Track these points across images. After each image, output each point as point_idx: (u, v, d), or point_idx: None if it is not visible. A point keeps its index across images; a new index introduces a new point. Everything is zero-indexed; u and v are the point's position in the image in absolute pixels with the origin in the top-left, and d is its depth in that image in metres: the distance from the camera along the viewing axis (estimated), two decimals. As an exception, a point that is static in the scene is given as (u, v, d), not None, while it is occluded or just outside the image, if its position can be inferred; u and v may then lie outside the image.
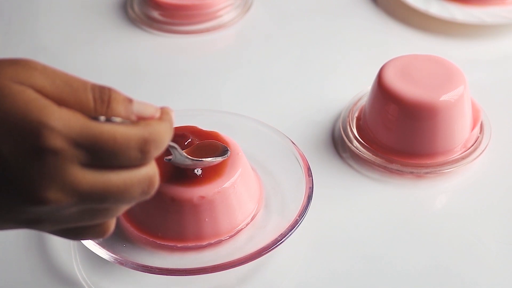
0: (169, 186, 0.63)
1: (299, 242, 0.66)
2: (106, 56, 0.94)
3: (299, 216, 0.64)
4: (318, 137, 0.79)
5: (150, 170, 0.46)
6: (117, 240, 0.65)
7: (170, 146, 0.56)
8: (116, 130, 0.44)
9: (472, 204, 0.71)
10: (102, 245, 0.63)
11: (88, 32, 0.99)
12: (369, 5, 1.02)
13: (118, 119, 0.45)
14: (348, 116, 0.79)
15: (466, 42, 0.94)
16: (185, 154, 0.60)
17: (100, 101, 0.45)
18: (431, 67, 0.74)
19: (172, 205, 0.63)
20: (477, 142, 0.75)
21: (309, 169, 0.69)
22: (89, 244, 0.63)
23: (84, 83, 0.45)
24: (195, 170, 0.64)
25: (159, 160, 0.61)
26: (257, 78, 0.89)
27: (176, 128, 0.68)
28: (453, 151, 0.73)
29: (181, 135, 0.67)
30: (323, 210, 0.69)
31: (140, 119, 0.46)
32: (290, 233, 0.63)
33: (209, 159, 0.63)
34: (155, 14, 0.99)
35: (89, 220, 0.46)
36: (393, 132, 0.73)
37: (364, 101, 0.79)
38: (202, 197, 0.63)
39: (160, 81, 0.89)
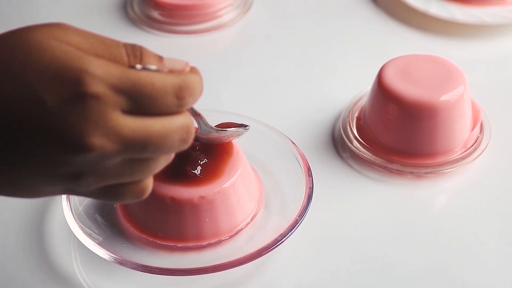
0: (169, 186, 0.63)
1: (299, 242, 0.66)
2: (106, 56, 0.94)
3: (299, 216, 0.64)
4: (318, 137, 0.79)
5: (187, 118, 0.47)
6: (117, 240, 0.65)
7: (195, 114, 0.56)
8: (153, 76, 0.45)
9: (472, 204, 0.71)
10: (102, 245, 0.63)
11: (88, 32, 0.98)
12: (369, 5, 1.02)
13: (153, 67, 0.46)
14: (348, 116, 0.79)
15: (466, 42, 0.94)
16: (210, 124, 0.60)
17: (133, 56, 0.46)
18: (431, 67, 0.74)
19: (172, 205, 0.63)
20: (477, 142, 0.75)
21: (309, 169, 0.69)
22: (89, 244, 0.63)
23: (116, 41, 0.47)
24: (195, 170, 0.64)
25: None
26: (257, 78, 0.89)
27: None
28: (453, 151, 0.73)
29: (181, 135, 0.67)
30: (323, 210, 0.69)
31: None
32: (290, 233, 0.63)
33: (233, 129, 0.63)
34: (155, 14, 0.99)
35: (129, 175, 0.47)
36: (393, 132, 0.73)
37: (364, 101, 0.79)
38: (202, 197, 0.63)
39: (160, 81, 0.89)
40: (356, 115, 0.79)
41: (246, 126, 0.65)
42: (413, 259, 0.65)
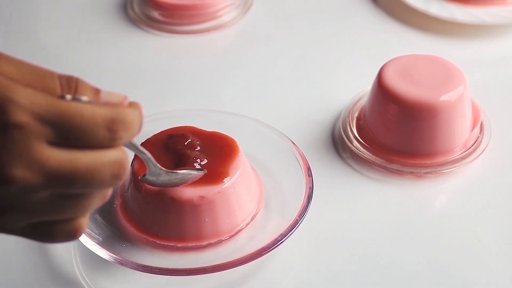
0: (169, 186, 0.64)
1: (299, 242, 0.66)
2: (106, 56, 0.94)
3: (299, 216, 0.64)
4: (318, 137, 0.79)
5: (120, 153, 0.45)
6: (117, 240, 0.65)
7: (142, 154, 0.54)
8: (83, 107, 0.43)
9: (472, 204, 0.71)
10: (102, 245, 0.63)
11: (88, 32, 0.99)
12: (369, 5, 1.02)
13: (85, 98, 0.44)
14: (348, 116, 0.79)
15: (466, 42, 0.94)
16: (159, 166, 0.58)
17: (67, 87, 0.45)
18: (431, 67, 0.74)
19: (172, 205, 0.63)
20: (477, 142, 0.75)
21: (309, 169, 0.69)
22: (89, 244, 0.63)
23: (51, 72, 0.45)
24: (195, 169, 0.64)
25: (158, 162, 0.61)
26: (257, 78, 0.89)
27: (176, 128, 0.69)
28: (453, 151, 0.73)
29: (181, 135, 0.67)
30: (323, 210, 0.69)
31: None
32: (290, 233, 0.63)
33: (185, 171, 0.62)
34: (155, 14, 0.99)
35: (59, 212, 0.45)
36: (393, 132, 0.73)
37: (364, 101, 0.79)
38: (202, 197, 0.63)
39: (160, 81, 0.89)
40: (356, 115, 0.79)
41: (201, 170, 0.63)
42: (413, 259, 0.65)
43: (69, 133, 0.43)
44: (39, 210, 0.44)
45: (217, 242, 0.65)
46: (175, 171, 0.61)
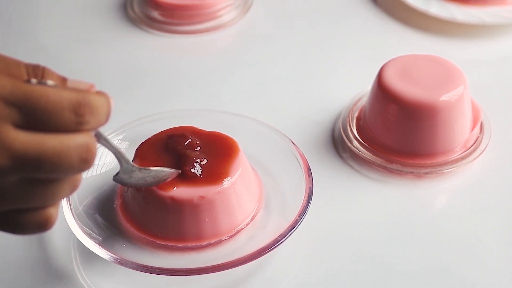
0: (169, 186, 0.63)
1: (299, 242, 0.66)
2: (106, 56, 0.94)
3: (299, 216, 0.64)
4: (318, 137, 0.79)
5: (88, 138, 0.45)
6: (117, 240, 0.65)
7: (115, 151, 0.54)
8: (48, 90, 0.43)
9: (472, 204, 0.71)
10: (102, 245, 0.63)
11: (88, 32, 0.99)
12: (369, 5, 1.02)
13: (50, 82, 0.45)
14: (348, 116, 0.79)
15: (466, 42, 0.94)
16: (132, 162, 0.58)
17: (33, 75, 0.45)
18: (431, 67, 0.74)
19: (172, 205, 0.63)
20: (477, 142, 0.75)
21: (309, 169, 0.69)
22: (89, 244, 0.63)
23: (17, 60, 0.45)
24: (195, 170, 0.64)
25: (156, 163, 0.61)
26: (257, 78, 0.89)
27: (176, 128, 0.69)
28: (453, 151, 0.73)
29: (181, 135, 0.67)
30: (323, 210, 0.69)
31: None
32: (290, 233, 0.63)
33: (158, 168, 0.61)
34: (155, 14, 0.99)
35: (28, 199, 0.45)
36: (393, 132, 0.73)
37: (364, 101, 0.79)
38: (202, 197, 0.63)
39: (160, 81, 0.89)
40: (356, 115, 0.79)
41: (174, 169, 0.63)
42: (413, 258, 0.65)
43: (35, 116, 0.43)
44: (8, 197, 0.44)
45: (217, 242, 0.65)
46: (148, 168, 0.61)
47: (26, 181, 0.44)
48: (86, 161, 0.45)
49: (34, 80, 0.45)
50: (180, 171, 0.64)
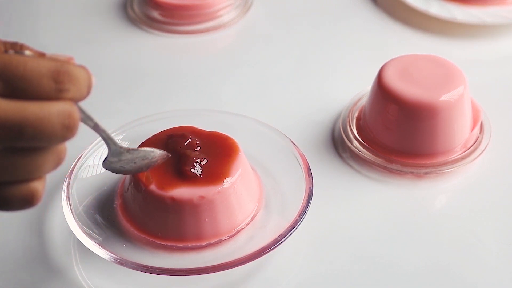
0: (169, 186, 0.63)
1: (299, 242, 0.66)
2: (106, 56, 0.94)
3: (299, 216, 0.64)
4: (318, 137, 0.79)
5: (69, 105, 0.45)
6: (117, 240, 0.65)
7: (104, 135, 0.54)
8: (26, 58, 0.44)
9: (472, 204, 0.71)
10: (102, 245, 0.63)
11: (88, 32, 0.99)
12: (369, 5, 1.02)
13: (28, 53, 0.45)
14: (348, 116, 0.79)
15: (466, 42, 0.94)
16: (120, 144, 0.57)
17: (11, 48, 0.45)
18: (431, 67, 0.74)
19: (172, 205, 0.63)
20: (477, 142, 0.75)
21: (309, 169, 0.69)
22: (89, 244, 0.63)
23: None
24: (195, 170, 0.64)
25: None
26: (257, 78, 0.89)
27: (176, 128, 0.69)
28: (453, 151, 0.74)
29: (181, 135, 0.67)
30: (323, 210, 0.69)
31: None
32: (290, 233, 0.63)
33: (147, 148, 0.60)
34: (155, 14, 0.99)
35: (12, 170, 0.44)
36: (393, 132, 0.73)
37: (364, 101, 0.79)
38: (202, 197, 0.63)
39: (160, 81, 0.89)
40: (356, 115, 0.79)
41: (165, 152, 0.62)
42: (413, 259, 0.65)
43: (14, 83, 0.43)
44: None
45: (217, 242, 0.65)
46: (136, 148, 0.60)
47: (9, 151, 0.44)
48: (68, 128, 0.45)
49: (11, 51, 0.45)
50: (169, 155, 0.63)
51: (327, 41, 0.96)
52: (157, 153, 0.62)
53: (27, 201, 0.46)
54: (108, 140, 0.56)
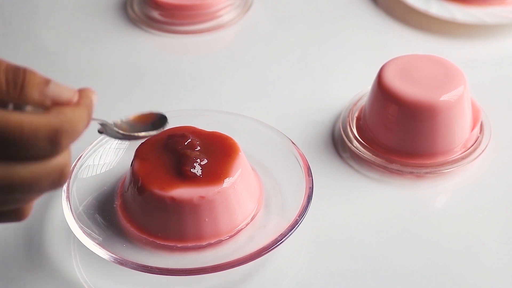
0: (169, 186, 0.63)
1: (299, 242, 0.66)
2: (106, 56, 0.94)
3: (299, 216, 0.64)
4: (318, 137, 0.79)
5: (61, 161, 0.44)
6: (117, 240, 0.65)
7: (99, 122, 0.53)
8: (24, 120, 0.42)
9: (472, 204, 0.71)
10: (102, 245, 0.63)
11: (88, 32, 0.99)
12: (369, 5, 1.02)
13: (28, 108, 0.44)
14: (348, 116, 0.79)
15: (466, 42, 0.94)
16: (116, 129, 0.55)
17: (13, 84, 0.43)
18: (431, 67, 0.74)
19: (172, 205, 0.63)
20: (477, 142, 0.75)
21: (309, 169, 0.69)
22: (89, 244, 0.63)
23: None
24: (195, 170, 0.64)
25: (156, 163, 0.60)
26: (257, 78, 0.89)
27: (176, 128, 0.69)
28: (453, 151, 0.73)
29: (181, 135, 0.67)
30: (323, 210, 0.69)
31: (55, 105, 0.45)
32: (290, 233, 0.63)
33: (143, 133, 0.58)
34: (155, 14, 0.99)
35: (1, 205, 0.45)
36: (393, 132, 0.73)
37: (364, 101, 0.79)
38: (202, 197, 0.63)
39: (160, 81, 0.89)
40: (356, 115, 0.79)
41: (163, 122, 0.59)
42: (413, 258, 0.65)
43: (8, 146, 0.42)
44: None
45: (217, 242, 0.65)
46: (132, 134, 0.56)
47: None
48: (58, 184, 0.45)
49: (11, 106, 0.43)
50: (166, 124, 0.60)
51: (327, 41, 0.96)
52: (152, 133, 0.58)
53: (15, 218, 0.47)
54: (105, 126, 0.54)
